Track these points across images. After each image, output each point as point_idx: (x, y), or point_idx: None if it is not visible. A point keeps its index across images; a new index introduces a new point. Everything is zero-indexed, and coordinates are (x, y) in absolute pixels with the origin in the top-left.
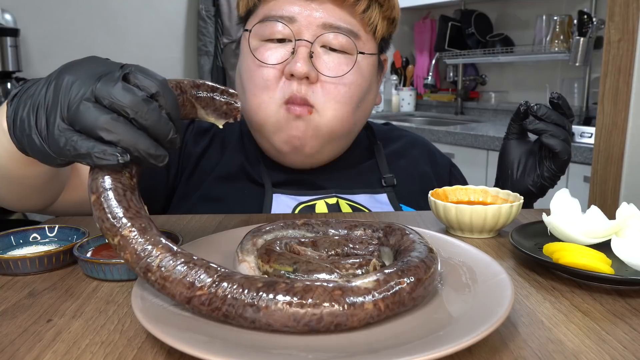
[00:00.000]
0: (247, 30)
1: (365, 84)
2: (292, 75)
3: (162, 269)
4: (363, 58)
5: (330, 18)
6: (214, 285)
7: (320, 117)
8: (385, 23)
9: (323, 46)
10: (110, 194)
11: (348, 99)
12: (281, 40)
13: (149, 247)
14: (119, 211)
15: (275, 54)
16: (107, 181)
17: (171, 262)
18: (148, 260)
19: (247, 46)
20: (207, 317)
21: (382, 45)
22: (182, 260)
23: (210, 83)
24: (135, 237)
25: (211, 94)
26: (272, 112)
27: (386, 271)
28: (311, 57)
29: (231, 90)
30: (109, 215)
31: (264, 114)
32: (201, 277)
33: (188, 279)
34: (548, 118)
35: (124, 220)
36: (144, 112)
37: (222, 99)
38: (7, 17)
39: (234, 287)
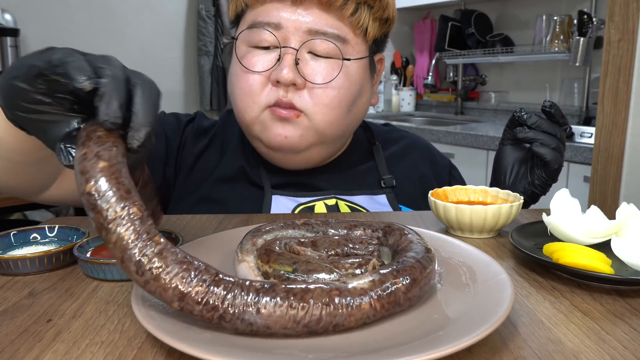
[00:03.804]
0: (234, 38)
1: (354, 88)
2: (278, 82)
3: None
4: (351, 62)
5: (317, 24)
6: (213, 283)
7: (309, 120)
8: (377, 24)
9: (310, 52)
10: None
11: (337, 103)
12: (268, 47)
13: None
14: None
15: (261, 61)
16: (104, 180)
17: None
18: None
19: (235, 53)
20: (199, 320)
21: (375, 46)
22: (180, 255)
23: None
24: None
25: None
26: (256, 114)
27: (382, 271)
28: (297, 63)
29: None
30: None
31: (249, 116)
32: (201, 275)
33: (186, 273)
34: (539, 127)
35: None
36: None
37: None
38: (7, 17)
39: (233, 287)
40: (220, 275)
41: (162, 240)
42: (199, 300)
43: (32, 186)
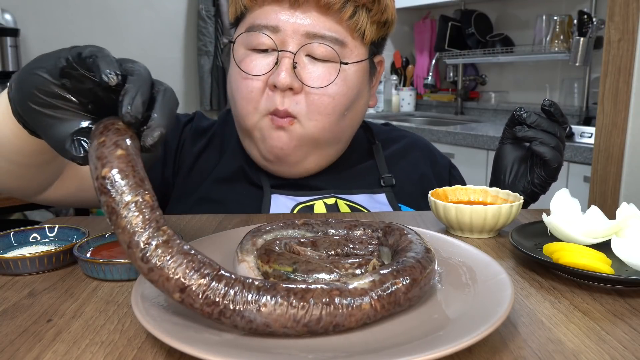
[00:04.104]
0: (232, 42)
1: (351, 92)
2: (275, 86)
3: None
4: (350, 66)
5: (315, 27)
6: (216, 278)
7: (302, 127)
8: (375, 27)
9: (308, 55)
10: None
11: (331, 110)
12: (266, 50)
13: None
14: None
15: (259, 65)
16: (116, 172)
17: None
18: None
19: (233, 56)
20: (199, 313)
21: (374, 49)
22: (186, 247)
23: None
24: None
25: None
26: (256, 121)
27: (382, 272)
28: (295, 67)
29: None
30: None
31: (250, 123)
32: (204, 269)
33: (190, 265)
34: (538, 126)
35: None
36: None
37: None
38: (7, 17)
39: (235, 283)
40: (222, 271)
41: (169, 230)
42: (201, 293)
43: (31, 187)
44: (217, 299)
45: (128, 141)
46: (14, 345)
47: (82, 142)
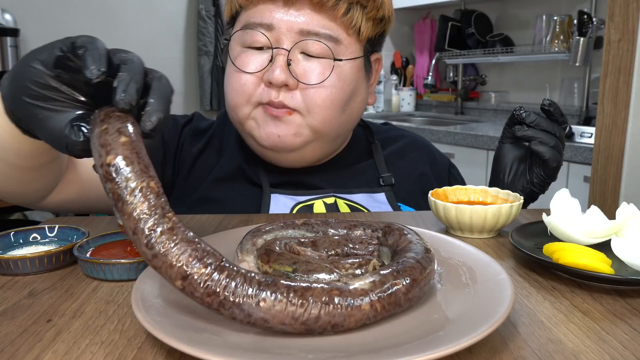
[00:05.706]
0: (227, 40)
1: (347, 88)
2: (270, 83)
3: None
4: (344, 63)
5: (309, 24)
6: (218, 268)
7: (303, 118)
8: (371, 24)
9: (302, 52)
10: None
11: (329, 102)
12: (261, 48)
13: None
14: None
15: (254, 62)
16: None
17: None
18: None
19: (229, 54)
20: (199, 303)
21: (371, 46)
22: (190, 235)
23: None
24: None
25: None
26: (248, 111)
27: (382, 272)
28: (289, 64)
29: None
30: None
31: (242, 114)
32: (207, 258)
33: (194, 253)
34: (537, 125)
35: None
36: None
37: None
38: (7, 17)
39: (237, 276)
40: (225, 263)
41: (174, 217)
42: (202, 282)
43: (32, 192)
44: (218, 290)
45: (130, 128)
46: (14, 345)
47: (82, 127)
